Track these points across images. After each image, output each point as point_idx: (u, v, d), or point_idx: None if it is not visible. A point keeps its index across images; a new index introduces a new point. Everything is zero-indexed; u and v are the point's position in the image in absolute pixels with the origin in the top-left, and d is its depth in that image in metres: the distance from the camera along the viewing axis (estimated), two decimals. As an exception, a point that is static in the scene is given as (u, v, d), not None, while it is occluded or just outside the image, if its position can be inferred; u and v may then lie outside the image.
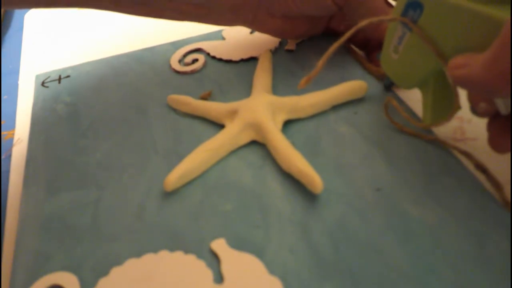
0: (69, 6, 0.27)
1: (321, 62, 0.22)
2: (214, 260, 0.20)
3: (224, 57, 0.33)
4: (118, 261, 0.20)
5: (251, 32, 0.35)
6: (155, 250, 0.21)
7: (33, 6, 0.27)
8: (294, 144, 0.24)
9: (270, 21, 0.30)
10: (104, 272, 0.20)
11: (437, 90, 0.22)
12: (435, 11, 0.20)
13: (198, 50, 0.35)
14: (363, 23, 0.22)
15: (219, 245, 0.20)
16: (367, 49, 0.31)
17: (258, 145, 0.25)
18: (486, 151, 0.21)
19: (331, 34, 0.33)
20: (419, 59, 0.22)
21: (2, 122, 0.34)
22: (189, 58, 0.33)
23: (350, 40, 0.32)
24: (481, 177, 0.21)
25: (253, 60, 0.32)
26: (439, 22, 0.20)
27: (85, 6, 0.28)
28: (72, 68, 0.35)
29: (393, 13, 0.23)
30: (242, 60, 0.33)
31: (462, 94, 0.21)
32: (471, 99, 0.20)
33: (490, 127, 0.20)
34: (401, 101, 0.27)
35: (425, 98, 0.23)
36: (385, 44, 0.24)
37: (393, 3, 0.30)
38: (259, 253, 0.20)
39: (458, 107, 0.21)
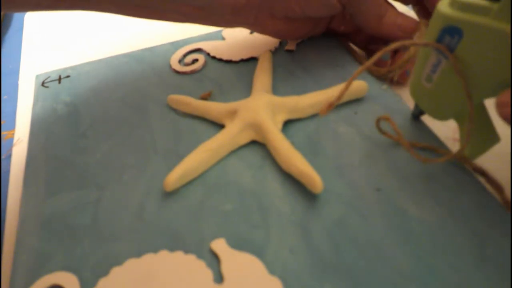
0: (69, 9, 0.27)
1: (344, 87, 0.21)
2: (214, 260, 0.20)
3: (224, 57, 0.33)
4: (118, 261, 0.20)
5: (251, 32, 0.35)
6: (155, 250, 0.21)
7: (33, 10, 0.27)
8: (294, 144, 0.24)
9: (271, 22, 0.30)
10: (104, 272, 0.20)
11: (475, 122, 0.20)
12: (477, 38, 0.18)
13: (198, 50, 0.35)
14: (394, 44, 0.20)
15: (219, 245, 0.20)
16: (368, 48, 0.31)
17: (258, 145, 0.25)
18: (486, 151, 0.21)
19: (331, 34, 0.33)
20: (457, 90, 0.20)
21: (2, 122, 0.34)
22: (189, 58, 0.33)
23: (351, 39, 0.32)
24: (481, 177, 0.21)
25: (253, 60, 0.32)
26: (481, 51, 0.18)
27: (86, 9, 0.28)
28: (72, 68, 0.35)
29: (426, 37, 0.20)
30: (242, 60, 0.33)
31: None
32: None
33: None
34: (400, 100, 0.27)
35: (462, 130, 0.21)
36: (415, 72, 0.22)
37: (394, 3, 0.30)
38: (259, 253, 0.20)
39: (497, 139, 0.20)
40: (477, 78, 0.19)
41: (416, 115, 0.25)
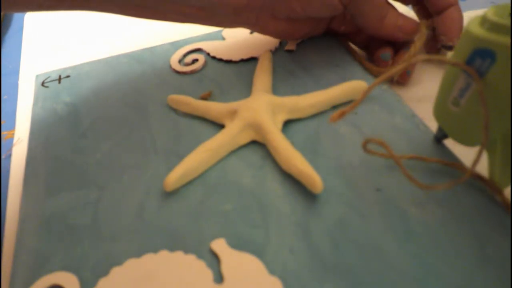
0: (70, 9, 0.27)
1: (361, 96, 0.19)
2: (214, 260, 0.20)
3: (224, 57, 0.33)
4: (118, 261, 0.20)
5: (251, 32, 0.35)
6: (155, 250, 0.21)
7: (35, 10, 0.27)
8: (294, 144, 0.24)
9: (273, 23, 0.30)
10: (104, 272, 0.20)
11: (506, 151, 0.19)
12: None
13: (198, 50, 0.35)
14: (419, 58, 0.18)
15: (219, 245, 0.20)
16: (369, 48, 0.31)
17: (258, 145, 0.25)
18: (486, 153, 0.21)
19: (331, 34, 0.33)
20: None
21: (2, 122, 0.34)
22: (189, 58, 0.33)
23: (351, 39, 0.32)
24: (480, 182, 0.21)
25: (253, 60, 0.32)
26: None
27: (87, 9, 0.28)
28: (72, 68, 0.35)
29: (455, 57, 0.19)
30: (242, 60, 0.33)
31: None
32: None
33: None
34: (400, 100, 0.27)
35: (491, 158, 0.20)
36: (440, 93, 0.21)
37: (394, 3, 0.30)
38: (259, 253, 0.20)
39: None
40: (509, 105, 0.17)
41: (439, 138, 0.23)
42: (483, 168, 0.21)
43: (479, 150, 0.19)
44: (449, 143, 0.24)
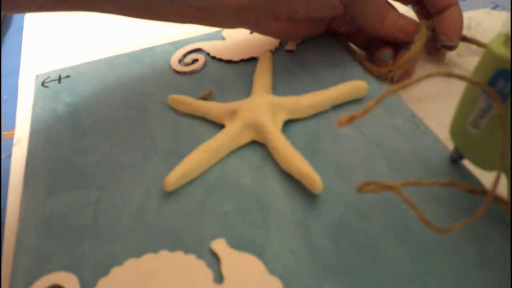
0: (71, 10, 0.27)
1: (373, 103, 0.18)
2: (214, 260, 0.20)
3: (224, 57, 0.33)
4: (118, 261, 0.20)
5: (251, 32, 0.35)
6: (155, 250, 0.21)
7: (36, 11, 0.27)
8: (294, 144, 0.24)
9: (274, 23, 0.30)
10: (104, 272, 0.20)
11: None
12: None
13: (198, 50, 0.35)
14: (440, 72, 0.17)
15: (219, 245, 0.20)
16: (369, 48, 0.31)
17: (258, 145, 0.25)
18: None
19: (331, 34, 0.33)
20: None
21: (2, 122, 0.34)
22: (189, 58, 0.33)
23: (351, 39, 0.32)
24: (481, 177, 0.21)
25: (253, 60, 0.32)
26: None
27: (87, 10, 0.28)
28: (72, 68, 0.35)
29: (475, 74, 0.18)
30: (242, 60, 0.33)
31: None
32: None
33: None
34: (400, 100, 0.27)
35: (510, 184, 0.19)
36: (458, 112, 0.20)
37: (394, 3, 0.30)
38: (259, 253, 0.20)
39: None
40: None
41: (455, 159, 0.22)
42: (484, 175, 0.21)
43: (495, 178, 0.17)
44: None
